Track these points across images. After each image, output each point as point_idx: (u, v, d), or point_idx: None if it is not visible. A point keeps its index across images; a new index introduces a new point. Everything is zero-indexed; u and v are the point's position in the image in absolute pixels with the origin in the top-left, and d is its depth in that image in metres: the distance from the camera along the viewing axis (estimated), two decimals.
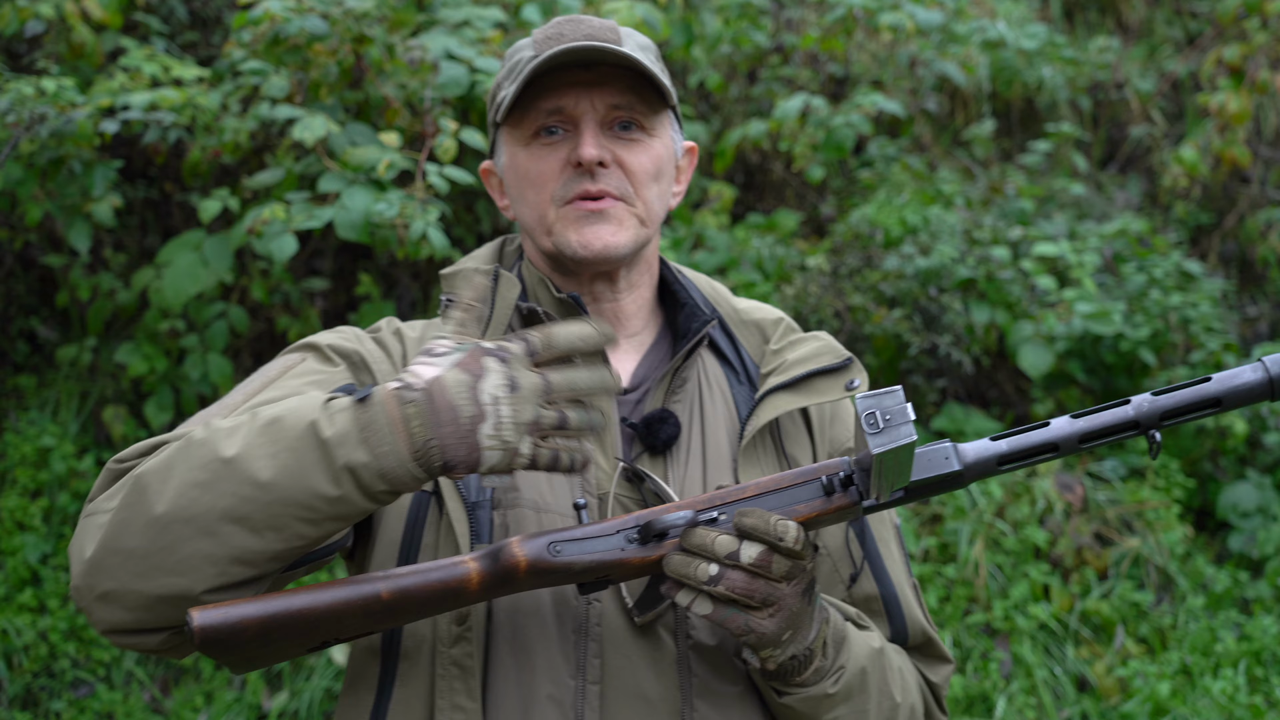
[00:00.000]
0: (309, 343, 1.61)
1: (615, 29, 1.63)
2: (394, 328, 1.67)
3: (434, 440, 1.31)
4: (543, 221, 1.62)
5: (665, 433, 1.59)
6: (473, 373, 1.33)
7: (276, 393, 1.50)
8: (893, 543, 1.68)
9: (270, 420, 1.34)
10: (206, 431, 1.36)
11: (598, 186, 1.59)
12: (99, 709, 3.87)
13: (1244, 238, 5.61)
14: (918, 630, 1.66)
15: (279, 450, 1.31)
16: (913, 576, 1.70)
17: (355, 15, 3.72)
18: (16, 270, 4.50)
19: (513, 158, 1.65)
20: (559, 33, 1.61)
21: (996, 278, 4.65)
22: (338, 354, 1.59)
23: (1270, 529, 4.42)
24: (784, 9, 5.78)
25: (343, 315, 4.52)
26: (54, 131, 3.76)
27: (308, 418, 1.32)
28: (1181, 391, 1.42)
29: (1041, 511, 4.37)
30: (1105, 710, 3.95)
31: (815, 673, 1.48)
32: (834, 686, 1.50)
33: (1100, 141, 6.04)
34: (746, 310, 1.75)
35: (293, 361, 1.58)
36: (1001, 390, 4.92)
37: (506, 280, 1.59)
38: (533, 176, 1.62)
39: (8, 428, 4.31)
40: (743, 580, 1.39)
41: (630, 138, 1.62)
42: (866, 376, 1.65)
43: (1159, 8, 6.61)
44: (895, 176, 5.13)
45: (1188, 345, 4.75)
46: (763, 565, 1.39)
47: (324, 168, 3.67)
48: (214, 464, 1.32)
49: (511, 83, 1.62)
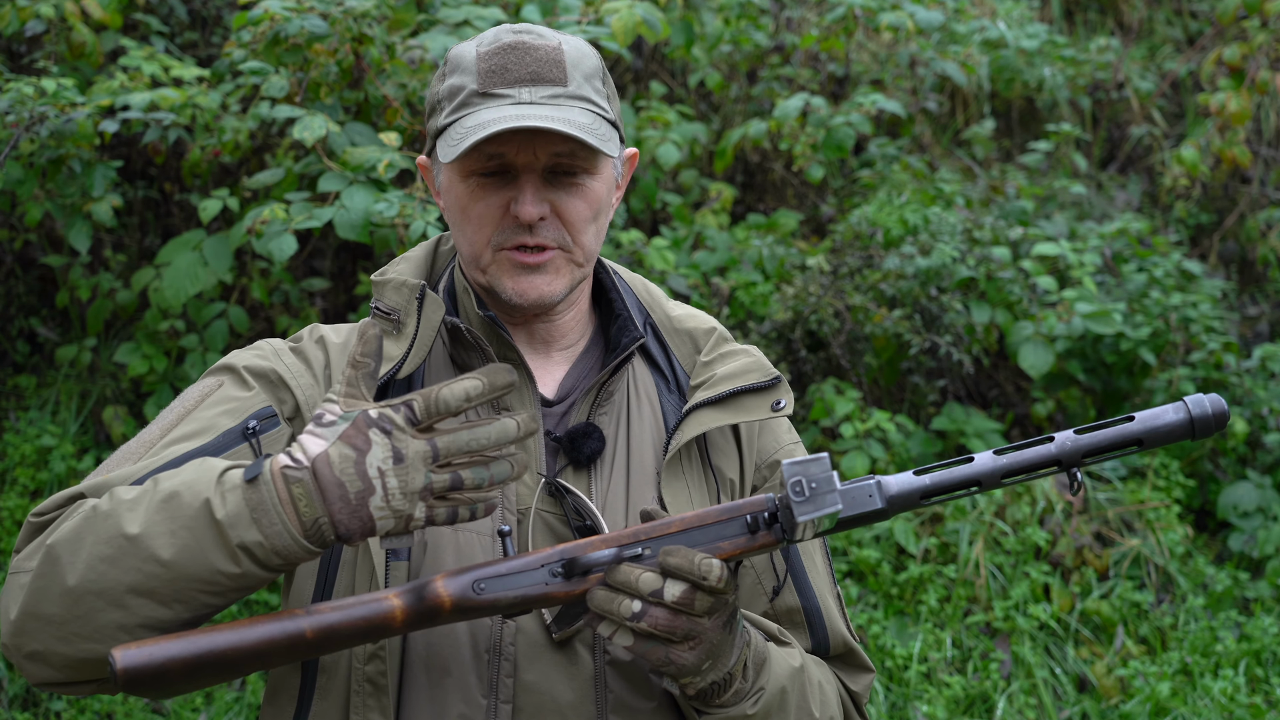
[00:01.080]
0: (227, 364, 1.61)
1: (561, 60, 1.58)
2: (317, 335, 1.65)
3: (323, 518, 1.33)
4: (478, 260, 1.60)
5: (589, 448, 1.59)
6: (357, 447, 1.33)
7: (191, 426, 1.52)
8: (817, 555, 1.69)
9: (168, 496, 1.36)
10: (112, 503, 1.38)
11: (535, 240, 1.57)
12: (99, 709, 3.87)
13: (1244, 238, 5.62)
14: (839, 641, 1.68)
15: (177, 529, 1.34)
16: (836, 586, 1.72)
17: (355, 15, 3.72)
18: (16, 270, 4.50)
19: (450, 185, 1.61)
20: (503, 65, 1.56)
21: (996, 278, 4.65)
22: (253, 375, 1.58)
23: (1270, 529, 4.42)
24: (784, 9, 5.78)
25: (343, 315, 4.52)
26: (54, 131, 3.76)
27: (202, 495, 1.35)
28: (1104, 431, 1.44)
29: (1041, 511, 4.37)
30: (1105, 710, 3.95)
31: (735, 694, 1.50)
32: (753, 708, 1.51)
33: (1100, 141, 6.04)
34: (680, 319, 1.74)
35: (209, 388, 1.58)
36: (1002, 390, 4.92)
37: (432, 302, 1.59)
38: (471, 215, 1.59)
39: (8, 428, 4.31)
40: (665, 617, 1.40)
41: (571, 183, 1.58)
42: (792, 397, 1.66)
43: (1159, 8, 6.61)
44: (895, 176, 5.13)
45: (1188, 345, 4.76)
46: (685, 603, 1.40)
47: (324, 168, 3.67)
48: (118, 539, 1.35)
49: (450, 112, 1.58)
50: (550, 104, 1.54)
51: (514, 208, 1.56)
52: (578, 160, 1.57)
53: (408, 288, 1.61)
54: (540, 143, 1.54)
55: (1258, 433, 4.65)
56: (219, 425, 1.52)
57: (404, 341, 1.59)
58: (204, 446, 1.50)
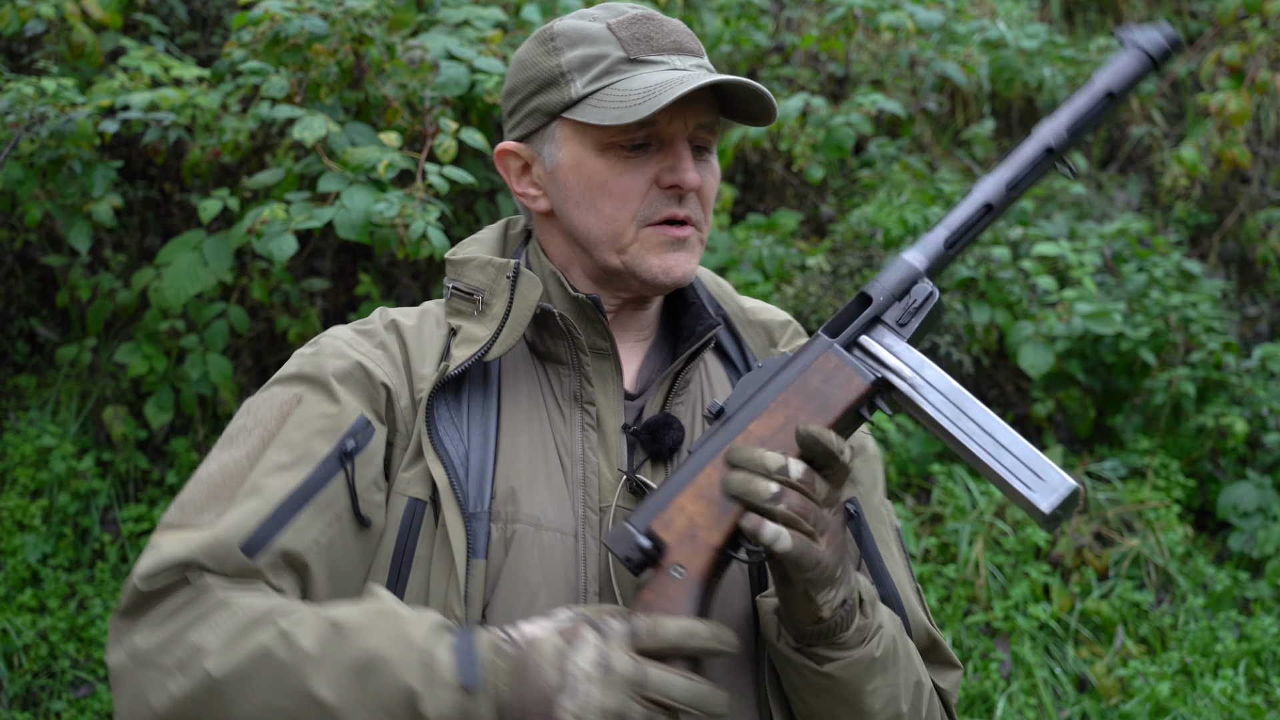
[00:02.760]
0: (301, 374, 1.49)
1: (691, 32, 1.53)
2: (387, 319, 1.56)
3: (512, 704, 1.27)
4: (617, 239, 1.51)
5: (670, 438, 1.52)
6: (569, 641, 1.29)
7: (284, 454, 1.42)
8: (893, 544, 1.63)
9: (362, 666, 1.28)
10: (291, 654, 1.29)
11: (685, 212, 1.51)
12: (99, 709, 3.87)
13: (1244, 238, 5.61)
14: (922, 633, 1.58)
15: (373, 706, 1.27)
16: (915, 580, 1.63)
17: (355, 15, 3.72)
18: (16, 270, 4.50)
19: (580, 161, 1.50)
20: (646, 34, 1.50)
21: (996, 277, 4.65)
22: (339, 380, 1.48)
23: (1270, 529, 4.42)
24: (784, 9, 5.78)
25: (343, 315, 4.52)
26: (54, 131, 3.76)
27: (406, 684, 1.27)
28: (1073, 102, 1.45)
29: None
30: (1105, 710, 3.95)
31: (858, 631, 1.42)
32: (879, 649, 1.43)
33: (1100, 141, 6.04)
34: (753, 310, 1.68)
35: (288, 403, 1.47)
36: (1002, 390, 4.92)
37: (528, 280, 1.50)
38: (614, 190, 1.49)
39: (8, 428, 4.31)
40: (799, 500, 1.33)
41: (706, 159, 1.53)
42: (868, 455, 1.62)
43: (1159, 8, 6.61)
44: (895, 176, 5.13)
45: (1188, 345, 4.75)
46: (808, 484, 1.33)
47: (324, 168, 3.67)
48: (304, 700, 1.28)
49: (593, 80, 1.49)
50: (703, 72, 1.49)
51: (670, 176, 1.49)
52: (714, 135, 1.53)
53: (494, 266, 1.52)
54: (690, 113, 1.48)
55: (1258, 433, 4.65)
56: (315, 451, 1.42)
57: (490, 323, 1.50)
58: (308, 481, 1.41)
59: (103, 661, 3.98)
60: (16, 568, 4.05)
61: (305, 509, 1.40)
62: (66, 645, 3.95)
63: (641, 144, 1.49)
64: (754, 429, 1.39)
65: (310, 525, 1.40)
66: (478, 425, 1.49)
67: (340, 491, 1.42)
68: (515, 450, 1.49)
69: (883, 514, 1.64)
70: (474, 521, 1.44)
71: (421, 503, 1.46)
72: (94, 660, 3.98)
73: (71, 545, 4.15)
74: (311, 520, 1.40)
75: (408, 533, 1.45)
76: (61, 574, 4.08)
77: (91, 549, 4.19)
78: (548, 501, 1.48)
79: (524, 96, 1.55)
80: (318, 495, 1.41)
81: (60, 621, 3.97)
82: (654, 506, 1.39)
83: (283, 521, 1.38)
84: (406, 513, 1.46)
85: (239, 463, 1.42)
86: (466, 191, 4.33)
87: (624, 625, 1.31)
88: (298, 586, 1.40)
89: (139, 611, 1.35)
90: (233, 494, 1.39)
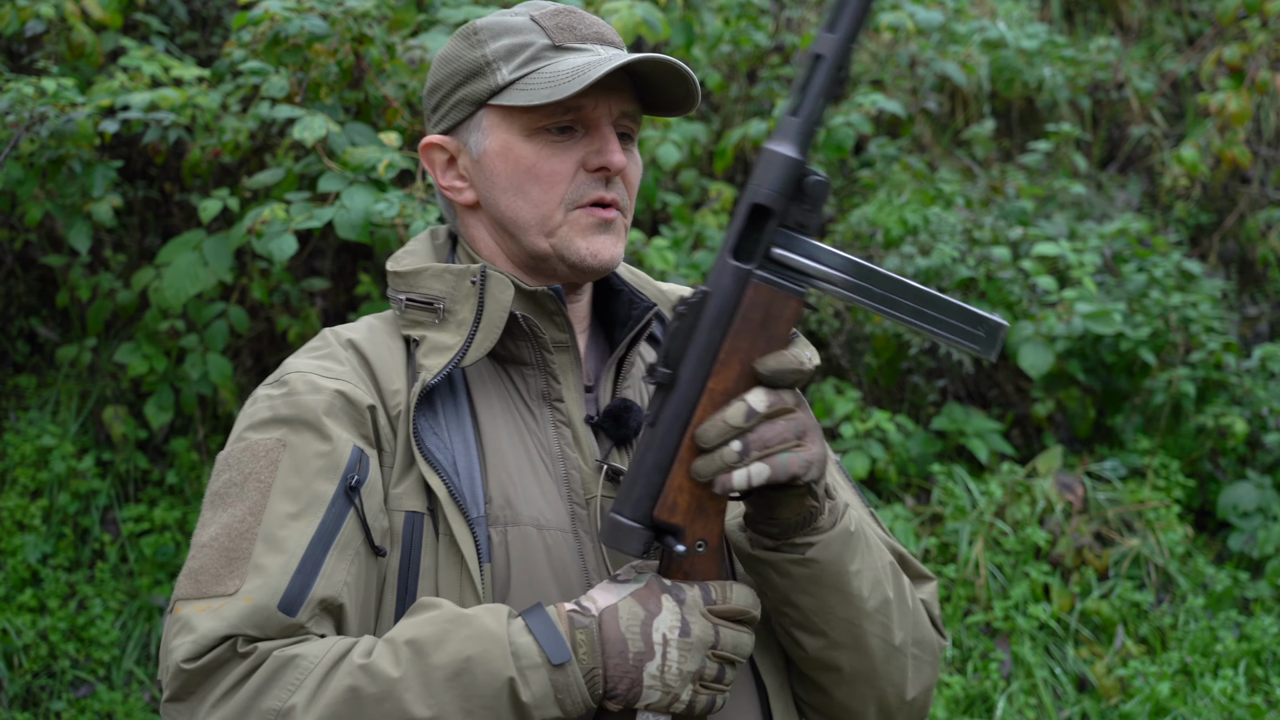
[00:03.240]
0: (279, 417, 1.46)
1: (611, 27, 1.57)
2: (342, 339, 1.54)
3: (598, 669, 1.33)
4: (545, 222, 1.52)
5: (633, 420, 1.54)
6: (648, 608, 1.35)
7: (291, 504, 1.40)
8: (837, 474, 1.63)
9: (456, 671, 1.31)
10: (377, 684, 1.31)
11: (611, 195, 1.52)
12: (99, 709, 3.87)
13: (1244, 238, 5.61)
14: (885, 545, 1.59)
15: (474, 708, 1.30)
16: (869, 506, 1.65)
17: (355, 15, 3.72)
18: (16, 270, 4.50)
19: (508, 147, 1.52)
20: (569, 24, 1.53)
21: (996, 278, 4.65)
22: (325, 414, 1.45)
23: (1270, 529, 4.42)
24: (784, 9, 5.78)
25: (343, 315, 4.52)
26: (54, 131, 3.76)
27: (502, 674, 1.31)
28: None
29: (1041, 511, 4.37)
30: (1105, 710, 3.95)
31: (830, 513, 1.44)
32: (852, 524, 1.46)
33: (1100, 141, 6.04)
34: (671, 292, 1.69)
35: (274, 451, 1.43)
36: (1001, 390, 4.92)
37: (497, 281, 1.50)
38: (541, 173, 1.51)
39: (8, 428, 4.31)
40: (776, 430, 1.35)
41: (629, 146, 1.55)
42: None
43: (1159, 8, 6.61)
44: (895, 176, 5.13)
45: (1188, 345, 4.76)
46: (778, 405, 1.35)
47: (324, 168, 3.67)
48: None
49: (519, 67, 1.51)
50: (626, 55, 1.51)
51: (597, 159, 1.50)
52: (636, 124, 1.55)
53: (452, 273, 1.52)
54: (615, 99, 1.51)
55: (1258, 433, 4.66)
56: (321, 494, 1.41)
57: (458, 329, 1.50)
58: (323, 526, 1.40)
59: (103, 662, 3.98)
60: (16, 568, 4.05)
61: (329, 554, 1.40)
62: (66, 645, 3.95)
63: (567, 127, 1.51)
64: (714, 386, 1.36)
65: (337, 568, 1.40)
66: (457, 433, 1.49)
67: (355, 529, 1.42)
68: (500, 454, 1.50)
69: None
70: (475, 527, 1.44)
71: (419, 515, 1.46)
72: (94, 660, 3.98)
73: (71, 545, 4.15)
74: (337, 563, 1.40)
75: (409, 547, 1.45)
76: (61, 574, 4.08)
77: (91, 549, 4.19)
78: (541, 502, 1.49)
79: (449, 89, 1.57)
80: (336, 537, 1.41)
81: (60, 621, 3.97)
82: (643, 492, 1.38)
83: (312, 573, 1.38)
84: (406, 527, 1.45)
85: (243, 520, 1.40)
86: None
87: (699, 591, 1.37)
88: (336, 627, 1.41)
89: (190, 692, 1.34)
90: (248, 554, 1.37)
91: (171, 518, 4.18)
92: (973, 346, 1.40)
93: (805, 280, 1.38)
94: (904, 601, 1.53)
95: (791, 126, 1.35)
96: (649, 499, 1.37)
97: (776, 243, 1.37)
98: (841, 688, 1.51)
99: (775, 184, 1.35)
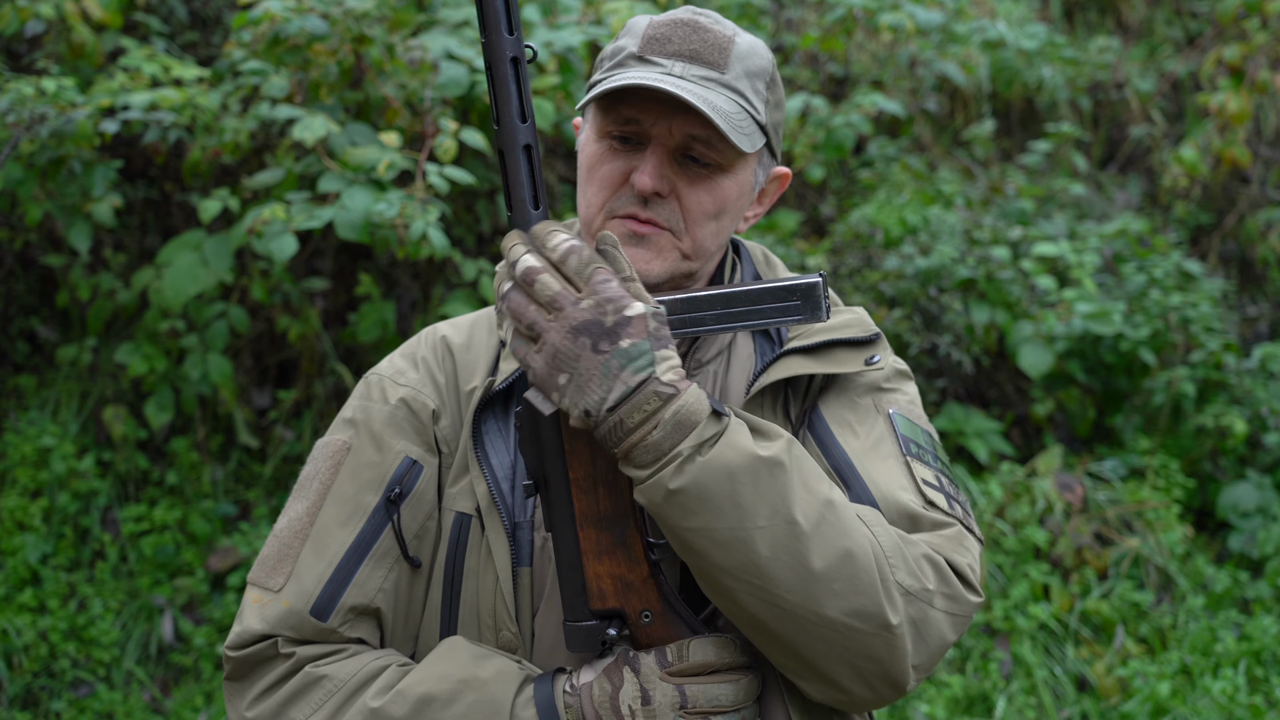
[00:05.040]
0: (353, 420, 1.58)
1: (726, 48, 1.51)
2: (436, 337, 1.62)
3: None
4: (590, 224, 1.54)
5: None
6: (613, 683, 1.39)
7: (338, 510, 1.52)
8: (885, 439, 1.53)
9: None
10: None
11: (647, 214, 1.50)
12: (99, 709, 3.87)
13: (1244, 238, 5.62)
14: (895, 512, 1.45)
15: None
16: (909, 465, 1.51)
17: (355, 15, 3.72)
18: (16, 270, 4.50)
19: (586, 143, 1.56)
20: (666, 36, 1.51)
21: (996, 278, 4.65)
22: (384, 423, 1.55)
23: (1270, 529, 4.42)
24: (784, 9, 5.78)
25: (343, 315, 4.52)
26: (54, 131, 3.76)
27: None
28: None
29: (1041, 511, 4.37)
30: (1105, 710, 3.95)
31: (643, 450, 1.32)
32: (675, 479, 1.31)
33: (1100, 141, 6.04)
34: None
35: (340, 453, 1.56)
36: (1001, 390, 4.92)
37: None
38: (595, 177, 1.53)
39: (8, 428, 4.31)
40: (516, 299, 1.33)
41: (700, 173, 1.51)
42: (890, 353, 1.60)
43: (1159, 8, 6.61)
44: (895, 176, 5.13)
45: (1188, 345, 4.76)
46: (528, 280, 1.32)
47: (324, 168, 3.67)
48: None
49: (605, 70, 1.54)
50: (699, 84, 1.48)
51: (633, 176, 1.50)
52: (712, 150, 1.50)
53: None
54: (679, 120, 1.48)
55: (1258, 433, 4.66)
56: (365, 504, 1.52)
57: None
58: (361, 535, 1.51)
59: (103, 662, 3.98)
60: (16, 568, 4.05)
61: (364, 563, 1.50)
62: (66, 645, 3.95)
63: (628, 138, 1.51)
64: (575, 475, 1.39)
65: (372, 576, 1.50)
66: None
67: (394, 538, 1.52)
68: None
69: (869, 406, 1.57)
70: (518, 530, 1.49)
71: (468, 516, 1.52)
72: (94, 660, 3.98)
73: (71, 545, 4.15)
74: (372, 571, 1.50)
75: (455, 547, 1.52)
76: (61, 574, 4.08)
77: (91, 549, 4.19)
78: None
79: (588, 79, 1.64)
80: (374, 546, 1.51)
81: (60, 621, 3.97)
82: (572, 591, 1.41)
83: (344, 581, 1.49)
84: (454, 527, 1.53)
85: (300, 519, 1.54)
86: (466, 191, 4.33)
87: (653, 657, 1.40)
88: (376, 629, 1.52)
89: (242, 676, 1.50)
90: (297, 554, 1.51)
91: (171, 518, 4.18)
92: (797, 318, 1.41)
93: None
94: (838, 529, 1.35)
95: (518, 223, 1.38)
96: (580, 595, 1.41)
97: None
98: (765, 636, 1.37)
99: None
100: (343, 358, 4.42)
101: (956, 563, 1.43)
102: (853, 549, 1.34)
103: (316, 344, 4.35)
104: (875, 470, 1.49)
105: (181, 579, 4.13)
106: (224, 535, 4.23)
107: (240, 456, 4.38)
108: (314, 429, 4.36)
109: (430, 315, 4.29)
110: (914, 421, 1.58)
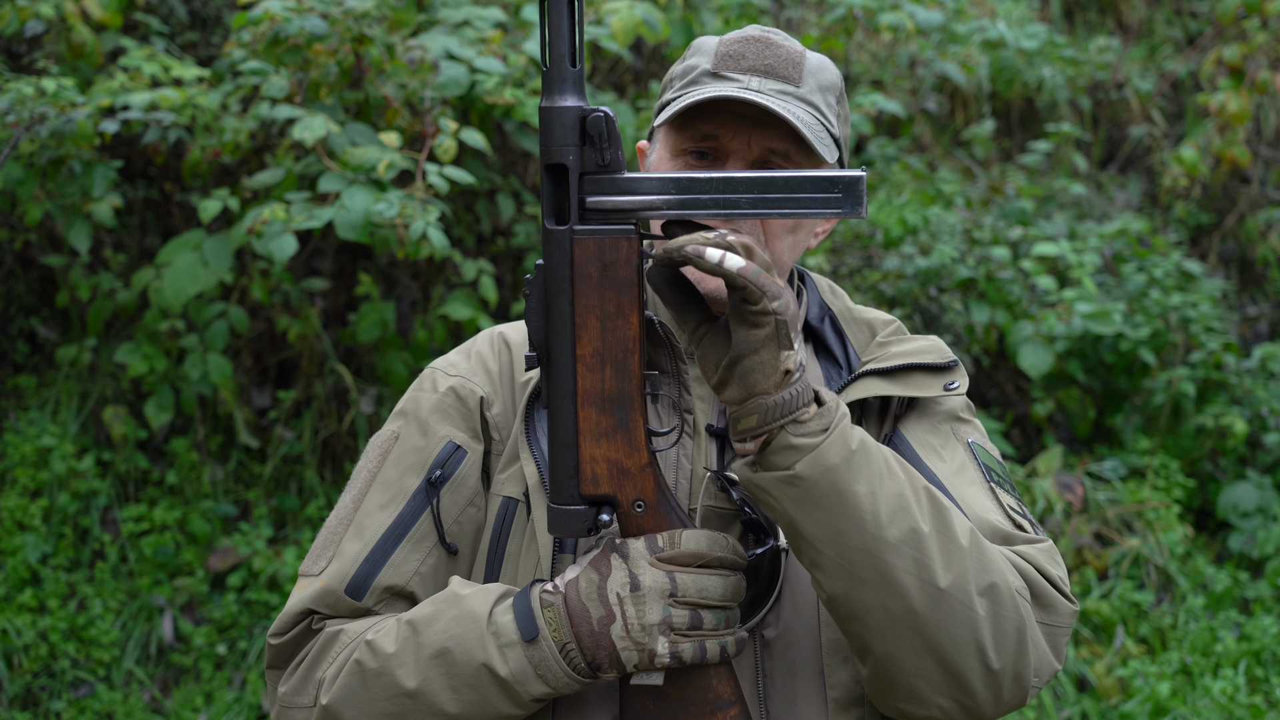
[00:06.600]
0: (403, 410, 1.61)
1: (799, 62, 1.52)
2: (494, 333, 1.64)
3: (570, 643, 1.35)
4: None
5: None
6: (600, 572, 1.36)
7: (381, 494, 1.53)
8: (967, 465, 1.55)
9: (437, 652, 1.39)
10: (376, 658, 1.41)
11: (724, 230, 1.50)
12: (99, 709, 3.87)
13: (1244, 238, 5.62)
14: (987, 528, 1.47)
15: (459, 685, 1.38)
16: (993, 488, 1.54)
17: (355, 15, 3.72)
18: (16, 270, 4.51)
19: (660, 162, 1.56)
20: (740, 52, 1.53)
21: (996, 278, 4.65)
22: (431, 411, 1.57)
23: (1270, 529, 4.42)
24: (784, 9, 5.78)
25: (343, 315, 4.52)
26: (54, 131, 3.76)
27: (477, 657, 1.37)
28: None
29: (1041, 511, 4.37)
30: (1105, 710, 3.95)
31: (819, 417, 1.32)
32: (854, 441, 1.32)
33: (1100, 141, 6.04)
34: (860, 310, 1.69)
35: (388, 442, 1.58)
36: (1001, 390, 4.92)
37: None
38: None
39: (8, 428, 4.31)
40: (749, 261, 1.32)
41: None
42: (967, 381, 1.59)
43: (1159, 8, 6.61)
44: (895, 176, 5.13)
45: (1188, 345, 4.76)
46: (749, 248, 1.32)
47: (324, 168, 3.67)
48: (400, 697, 1.40)
49: (679, 89, 1.54)
50: (776, 98, 1.49)
51: None
52: (790, 164, 1.51)
53: None
54: (758, 134, 1.49)
55: (1258, 433, 4.66)
56: (407, 487, 1.53)
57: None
58: (399, 517, 1.52)
59: (103, 662, 3.98)
60: (16, 568, 4.05)
61: (401, 545, 1.51)
62: (66, 645, 3.95)
63: (704, 153, 1.52)
64: (582, 351, 1.35)
65: (408, 559, 1.51)
66: None
67: (432, 522, 1.52)
68: None
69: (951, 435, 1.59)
70: None
71: (514, 501, 1.53)
72: (94, 660, 3.98)
73: (71, 545, 4.15)
74: (409, 554, 1.51)
75: (500, 530, 1.53)
76: (61, 574, 4.08)
77: (91, 549, 4.19)
78: None
79: (658, 103, 1.63)
80: (412, 529, 1.52)
81: (60, 621, 3.97)
82: (563, 473, 1.37)
83: (380, 561, 1.50)
84: (500, 511, 1.54)
85: (347, 507, 1.55)
86: (467, 192, 4.33)
87: (643, 543, 1.37)
88: None
89: (279, 663, 1.51)
90: (340, 538, 1.53)
91: (171, 518, 4.18)
92: (836, 211, 1.34)
93: (628, 216, 1.36)
94: (951, 540, 1.36)
95: (554, 77, 1.33)
96: (571, 478, 1.37)
97: (587, 191, 1.35)
98: (881, 637, 1.35)
99: (559, 138, 1.34)
100: (343, 358, 4.42)
101: (1050, 574, 1.48)
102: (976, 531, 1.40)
103: (316, 344, 4.35)
104: (964, 493, 1.51)
105: (181, 579, 4.13)
106: (224, 535, 4.23)
107: (240, 456, 4.38)
108: (314, 429, 4.36)
109: (430, 315, 4.29)
110: (990, 452, 1.62)
